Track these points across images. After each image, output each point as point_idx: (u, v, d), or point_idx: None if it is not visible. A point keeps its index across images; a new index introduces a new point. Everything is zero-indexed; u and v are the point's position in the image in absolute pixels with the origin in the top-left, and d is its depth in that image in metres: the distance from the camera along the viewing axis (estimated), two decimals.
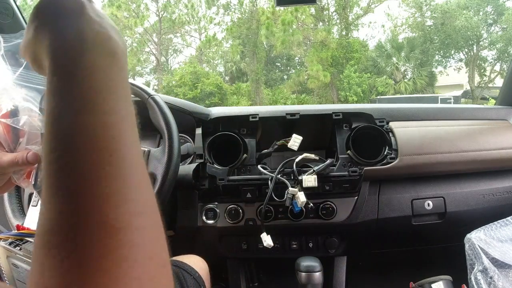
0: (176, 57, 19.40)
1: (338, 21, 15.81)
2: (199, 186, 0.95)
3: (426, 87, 14.47)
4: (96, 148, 0.23)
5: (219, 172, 0.94)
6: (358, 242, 1.06)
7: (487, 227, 0.88)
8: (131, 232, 0.22)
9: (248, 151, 0.96)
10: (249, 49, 15.83)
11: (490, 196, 0.99)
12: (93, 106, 0.24)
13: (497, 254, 0.84)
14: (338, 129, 1.00)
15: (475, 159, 0.97)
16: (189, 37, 18.17)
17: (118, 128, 0.25)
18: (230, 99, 14.94)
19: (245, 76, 17.01)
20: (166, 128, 0.77)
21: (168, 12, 16.70)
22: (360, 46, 15.40)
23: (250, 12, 15.78)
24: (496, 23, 14.18)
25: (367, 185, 0.97)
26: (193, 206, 0.97)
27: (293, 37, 14.23)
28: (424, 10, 15.39)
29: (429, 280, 0.95)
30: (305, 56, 15.94)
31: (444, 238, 1.09)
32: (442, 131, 1.01)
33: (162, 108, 0.79)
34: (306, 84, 15.46)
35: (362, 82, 14.12)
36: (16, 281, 0.51)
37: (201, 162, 0.96)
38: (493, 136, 1.01)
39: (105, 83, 0.26)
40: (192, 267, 0.78)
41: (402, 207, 0.97)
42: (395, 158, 0.95)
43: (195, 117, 1.01)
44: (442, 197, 0.97)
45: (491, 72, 14.74)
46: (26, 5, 12.93)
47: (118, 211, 0.22)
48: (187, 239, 1.04)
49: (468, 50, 15.01)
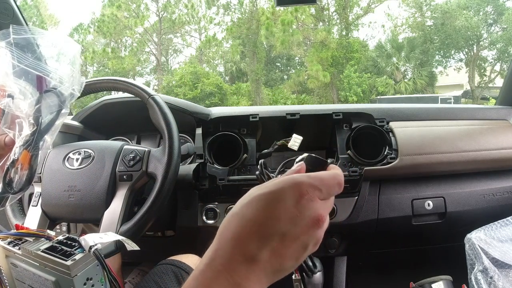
0: (176, 57, 19.40)
1: (338, 21, 15.81)
2: (199, 186, 0.95)
3: (426, 87, 14.46)
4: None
5: (219, 172, 0.94)
6: (358, 242, 1.05)
7: (487, 227, 0.88)
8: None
9: (248, 151, 0.96)
10: (249, 49, 15.83)
11: (490, 196, 0.99)
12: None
13: (497, 254, 0.83)
14: (338, 129, 1.00)
15: (475, 159, 0.97)
16: (189, 37, 18.19)
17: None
18: (230, 99, 14.93)
19: (245, 76, 17.01)
20: (166, 128, 0.77)
21: (168, 12, 16.69)
22: (360, 46, 15.40)
23: (250, 12, 15.78)
24: (496, 23, 14.17)
25: (367, 185, 0.97)
26: (193, 206, 0.97)
27: (293, 37, 14.23)
28: (424, 10, 15.40)
29: (429, 280, 0.95)
30: (305, 56, 15.94)
31: (444, 238, 1.09)
32: (442, 131, 1.01)
33: (162, 108, 0.79)
34: (306, 84, 15.46)
35: (362, 82, 14.12)
36: (15, 280, 0.51)
37: (201, 162, 0.96)
38: (493, 136, 1.01)
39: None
40: (191, 267, 0.78)
41: (402, 207, 0.97)
42: (395, 158, 0.95)
43: (195, 117, 1.01)
44: (442, 197, 0.97)
45: (491, 72, 14.74)
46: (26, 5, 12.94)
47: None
48: (187, 239, 1.03)
49: (468, 50, 15.00)
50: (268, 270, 0.30)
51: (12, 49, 0.49)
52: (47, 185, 0.75)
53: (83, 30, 16.94)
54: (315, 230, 0.32)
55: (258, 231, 0.30)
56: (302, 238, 0.31)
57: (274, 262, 0.30)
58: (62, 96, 0.53)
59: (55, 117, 0.53)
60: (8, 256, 0.50)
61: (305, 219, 0.31)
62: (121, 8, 15.40)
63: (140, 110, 0.86)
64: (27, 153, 0.50)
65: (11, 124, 0.51)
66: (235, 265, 0.30)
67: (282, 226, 0.31)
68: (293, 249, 0.31)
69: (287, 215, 0.31)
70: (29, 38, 0.51)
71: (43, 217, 0.74)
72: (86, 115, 1.00)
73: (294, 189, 0.32)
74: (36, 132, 0.50)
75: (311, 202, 0.32)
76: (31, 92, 0.50)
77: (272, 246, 0.30)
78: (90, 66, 16.98)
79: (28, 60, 0.50)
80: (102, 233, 0.50)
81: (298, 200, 0.31)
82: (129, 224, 0.71)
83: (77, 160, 0.77)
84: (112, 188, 0.74)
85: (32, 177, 0.51)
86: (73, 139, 0.94)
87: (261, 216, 0.31)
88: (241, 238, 0.31)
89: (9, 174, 0.50)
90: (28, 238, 0.49)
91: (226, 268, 0.30)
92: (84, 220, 0.79)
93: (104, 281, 0.48)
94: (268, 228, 0.30)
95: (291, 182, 0.32)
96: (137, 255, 0.65)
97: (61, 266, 0.44)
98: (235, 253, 0.30)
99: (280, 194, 0.32)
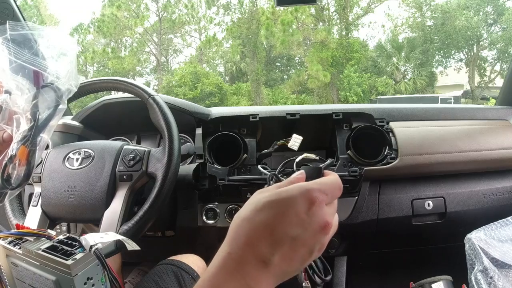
0: (176, 57, 19.39)
1: (338, 21, 15.82)
2: (199, 186, 0.95)
3: (426, 87, 14.46)
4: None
5: (219, 172, 0.94)
6: (358, 242, 1.05)
7: (487, 227, 0.88)
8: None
9: (248, 151, 0.96)
10: (249, 49, 15.83)
11: (490, 196, 0.99)
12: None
13: (497, 254, 0.83)
14: (338, 129, 1.00)
15: (475, 159, 0.97)
16: (189, 37, 18.19)
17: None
18: (230, 99, 14.94)
19: (245, 76, 17.01)
20: (166, 128, 0.77)
21: (168, 12, 16.69)
22: (360, 46, 15.41)
23: (250, 12, 15.78)
24: (496, 23, 14.17)
25: (367, 185, 0.97)
26: (193, 206, 0.97)
27: (293, 37, 14.23)
28: (424, 10, 15.40)
29: (429, 280, 0.95)
30: (305, 56, 15.94)
31: (444, 238, 1.09)
32: (442, 131, 1.01)
33: (162, 108, 0.79)
34: (306, 84, 15.46)
35: (362, 82, 14.12)
36: (15, 280, 0.51)
37: (201, 162, 0.96)
38: (493, 136, 1.01)
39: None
40: (191, 267, 0.78)
41: (402, 207, 0.97)
42: (395, 158, 0.95)
43: (195, 117, 1.01)
44: (442, 197, 0.97)
45: (491, 72, 14.74)
46: (26, 5, 12.94)
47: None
48: (187, 239, 1.03)
49: (468, 50, 15.00)
50: (277, 273, 0.32)
51: (9, 45, 0.49)
52: (47, 185, 0.75)
53: (83, 30, 16.93)
54: (322, 235, 0.34)
55: (270, 236, 0.32)
56: (310, 243, 0.33)
57: (283, 265, 0.32)
58: (59, 91, 0.53)
59: (52, 112, 0.53)
60: (8, 256, 0.50)
61: (314, 225, 0.33)
62: (121, 8, 15.40)
63: (140, 110, 0.86)
64: (25, 148, 0.50)
65: (8, 120, 0.51)
66: (248, 268, 0.31)
67: (293, 231, 0.32)
68: (301, 253, 0.33)
69: (298, 221, 0.33)
70: (26, 34, 0.51)
71: (43, 217, 0.74)
72: (86, 115, 1.00)
73: (305, 196, 0.33)
74: (34, 127, 0.50)
75: (319, 208, 0.34)
76: (28, 87, 0.50)
77: (283, 250, 0.32)
78: (90, 66, 16.99)
79: (25, 56, 0.50)
80: (102, 233, 0.50)
81: (309, 207, 0.33)
82: (129, 224, 0.71)
83: (77, 160, 0.77)
84: (112, 188, 0.74)
85: (30, 173, 0.51)
86: (73, 139, 0.94)
87: (273, 222, 0.33)
88: (254, 242, 0.32)
89: (7, 170, 0.50)
90: (28, 237, 0.49)
91: (239, 271, 0.31)
92: (84, 220, 0.79)
93: (104, 280, 0.48)
94: (280, 233, 0.32)
95: (302, 189, 0.34)
96: (137, 255, 0.65)
97: (61, 265, 0.45)
98: (249, 257, 0.32)
99: (292, 201, 0.33)
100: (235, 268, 0.32)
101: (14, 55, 0.49)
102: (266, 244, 0.32)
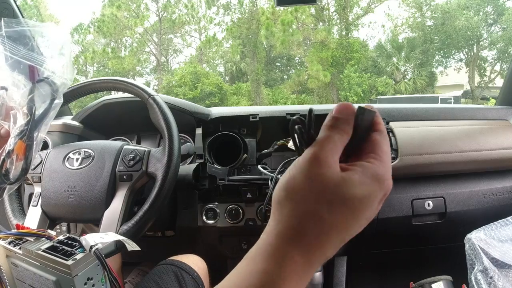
0: (176, 57, 19.38)
1: (338, 21, 15.81)
2: (199, 186, 0.95)
3: (426, 87, 14.46)
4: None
5: (219, 172, 0.94)
6: (358, 242, 1.05)
7: (487, 227, 0.88)
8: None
9: (248, 151, 0.96)
10: (249, 49, 15.83)
11: (490, 196, 0.99)
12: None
13: (497, 254, 0.84)
14: None
15: (475, 159, 0.97)
16: (189, 37, 18.18)
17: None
18: (230, 99, 14.94)
19: (245, 76, 17.01)
20: (166, 128, 0.77)
21: (168, 12, 16.69)
22: (360, 46, 15.40)
23: (250, 12, 15.78)
24: (496, 23, 14.17)
25: None
26: (193, 206, 0.97)
27: (293, 37, 14.22)
28: (424, 10, 15.40)
29: (429, 280, 0.95)
30: (305, 56, 15.94)
31: (444, 238, 1.09)
32: (442, 131, 1.01)
33: (162, 108, 0.79)
34: (306, 84, 15.46)
35: (362, 82, 14.12)
36: (15, 280, 0.51)
37: (201, 162, 0.96)
38: (494, 136, 1.01)
39: None
40: (191, 267, 0.78)
41: (402, 207, 0.97)
42: (395, 158, 0.95)
43: (195, 117, 1.01)
44: (442, 197, 0.97)
45: (491, 72, 14.73)
46: (26, 5, 12.94)
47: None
48: (187, 239, 1.03)
49: (468, 50, 15.00)
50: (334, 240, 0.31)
51: (4, 41, 0.49)
52: (47, 185, 0.75)
53: (83, 30, 16.93)
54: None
55: (339, 235, 0.30)
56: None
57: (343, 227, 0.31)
58: (55, 85, 0.54)
59: (48, 106, 0.53)
60: (8, 256, 0.50)
61: (379, 206, 0.32)
62: (121, 8, 15.39)
63: (140, 110, 0.86)
64: (22, 143, 0.50)
65: (5, 116, 0.51)
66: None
67: (363, 224, 0.31)
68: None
69: (371, 215, 0.31)
70: (21, 31, 0.51)
71: (43, 217, 0.74)
72: (86, 115, 1.00)
73: (383, 192, 0.31)
74: (30, 121, 0.51)
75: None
76: (23, 82, 0.50)
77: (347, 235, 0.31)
78: (90, 66, 16.98)
79: (21, 52, 0.50)
80: (102, 233, 0.50)
81: (382, 199, 0.31)
82: (129, 224, 0.71)
83: (77, 160, 0.77)
84: (112, 188, 0.74)
85: (27, 167, 0.52)
86: (73, 139, 0.94)
87: (346, 222, 0.30)
88: (323, 242, 0.30)
89: (5, 165, 0.51)
90: (28, 238, 0.49)
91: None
92: (84, 220, 0.79)
93: (104, 281, 0.48)
94: (351, 231, 0.30)
95: (381, 186, 0.31)
96: (137, 255, 0.65)
97: (61, 265, 0.45)
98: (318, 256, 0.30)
99: (370, 199, 0.30)
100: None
101: (9, 51, 0.49)
102: (335, 244, 0.30)
